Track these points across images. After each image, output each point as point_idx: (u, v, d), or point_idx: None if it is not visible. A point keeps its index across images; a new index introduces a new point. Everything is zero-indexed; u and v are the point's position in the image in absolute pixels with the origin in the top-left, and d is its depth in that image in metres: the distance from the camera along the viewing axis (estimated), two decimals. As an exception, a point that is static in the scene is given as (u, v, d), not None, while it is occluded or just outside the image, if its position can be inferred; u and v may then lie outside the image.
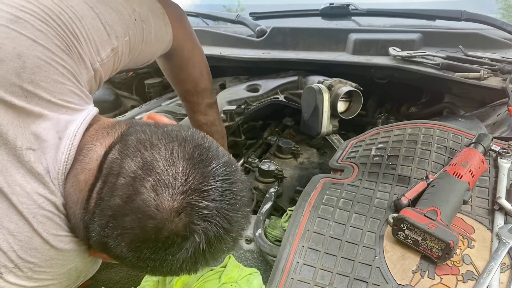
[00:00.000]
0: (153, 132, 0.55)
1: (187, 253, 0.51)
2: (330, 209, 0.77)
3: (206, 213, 0.50)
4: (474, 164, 0.78)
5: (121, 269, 0.78)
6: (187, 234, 0.49)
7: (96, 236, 0.52)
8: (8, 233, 0.51)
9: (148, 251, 0.50)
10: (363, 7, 1.48)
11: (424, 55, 1.22)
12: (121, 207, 0.49)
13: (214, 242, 0.51)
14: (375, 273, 0.66)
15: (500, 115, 1.05)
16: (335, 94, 1.19)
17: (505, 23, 1.25)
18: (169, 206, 0.48)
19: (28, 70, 0.54)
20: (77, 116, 0.58)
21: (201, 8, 1.96)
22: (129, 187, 0.49)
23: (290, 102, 1.39)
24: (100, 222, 0.51)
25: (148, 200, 0.48)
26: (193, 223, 0.49)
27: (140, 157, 0.51)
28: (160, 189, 0.49)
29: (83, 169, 0.54)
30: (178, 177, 0.50)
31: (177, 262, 0.51)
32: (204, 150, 0.53)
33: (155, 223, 0.48)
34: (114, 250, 0.51)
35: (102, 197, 0.51)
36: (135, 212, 0.48)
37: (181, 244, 0.50)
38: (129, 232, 0.49)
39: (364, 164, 0.90)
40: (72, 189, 0.55)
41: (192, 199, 0.49)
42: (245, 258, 0.89)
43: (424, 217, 0.67)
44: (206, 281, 0.64)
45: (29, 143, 0.53)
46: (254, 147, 1.37)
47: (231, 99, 1.34)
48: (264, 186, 1.15)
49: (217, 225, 0.51)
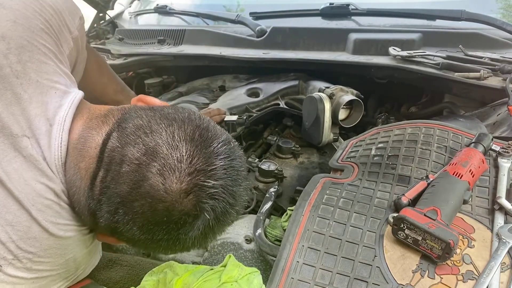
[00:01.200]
0: (150, 117, 0.55)
1: (199, 230, 0.53)
2: (330, 209, 0.77)
3: (213, 191, 0.52)
4: (474, 163, 0.78)
5: (121, 269, 0.78)
6: (198, 213, 0.52)
7: (105, 222, 0.54)
8: (7, 223, 0.52)
9: (161, 233, 0.52)
10: (363, 7, 1.48)
11: (424, 55, 1.22)
12: (129, 193, 0.51)
13: (221, 217, 0.55)
14: (375, 272, 0.66)
15: (500, 115, 1.05)
16: (336, 102, 1.19)
17: (505, 23, 1.25)
18: (177, 188, 0.50)
19: (13, 51, 0.55)
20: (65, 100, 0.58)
21: (201, 8, 1.96)
22: (135, 173, 0.51)
23: (291, 109, 1.39)
24: (109, 209, 0.52)
25: (156, 185, 0.50)
26: (202, 202, 0.52)
27: (142, 143, 0.52)
28: (167, 173, 0.50)
29: (83, 158, 0.55)
30: (183, 159, 0.51)
31: (189, 240, 0.54)
32: (204, 131, 0.55)
33: (166, 205, 0.50)
34: (126, 234, 0.53)
35: (107, 185, 0.52)
36: (144, 197, 0.50)
37: (192, 223, 0.52)
38: (140, 217, 0.51)
39: (364, 164, 0.90)
40: (74, 177, 0.55)
41: (199, 179, 0.51)
42: (245, 258, 0.89)
43: (424, 216, 0.67)
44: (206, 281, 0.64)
45: (23, 130, 0.53)
46: (254, 147, 1.37)
47: (231, 106, 1.34)
48: (264, 186, 1.15)
49: (224, 201, 0.53)
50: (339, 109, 1.18)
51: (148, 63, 1.71)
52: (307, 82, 1.45)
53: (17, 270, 0.53)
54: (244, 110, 1.35)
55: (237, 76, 1.68)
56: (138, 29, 1.89)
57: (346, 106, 1.22)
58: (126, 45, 1.83)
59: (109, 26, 2.02)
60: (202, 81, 1.72)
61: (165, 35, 1.75)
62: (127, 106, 0.62)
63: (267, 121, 1.47)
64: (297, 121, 1.41)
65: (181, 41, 1.72)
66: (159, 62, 1.70)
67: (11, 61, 0.54)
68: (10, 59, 0.55)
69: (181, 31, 1.73)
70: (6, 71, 0.54)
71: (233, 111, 1.32)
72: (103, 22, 2.01)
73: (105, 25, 2.01)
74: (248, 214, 1.03)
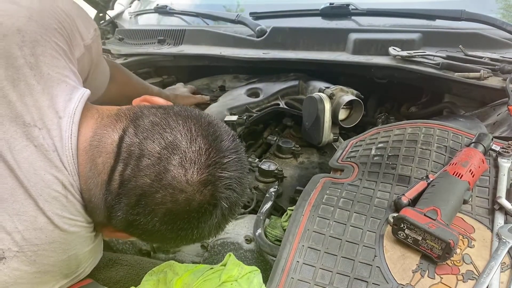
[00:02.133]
0: (165, 114, 0.59)
1: (216, 218, 0.58)
2: (330, 209, 0.77)
3: (229, 182, 0.57)
4: (474, 163, 0.78)
5: (121, 268, 0.78)
6: (217, 202, 0.56)
7: (123, 215, 0.56)
8: (14, 213, 0.52)
9: (181, 222, 0.56)
10: (363, 7, 1.48)
11: (424, 55, 1.22)
12: (151, 185, 0.54)
13: (233, 207, 0.60)
14: (375, 272, 0.66)
15: (500, 114, 1.05)
16: (336, 103, 1.19)
17: (505, 23, 1.25)
18: (197, 179, 0.54)
19: (27, 44, 0.57)
20: (74, 95, 0.60)
21: (201, 8, 1.96)
22: (157, 166, 0.54)
23: (291, 109, 1.39)
24: (129, 201, 0.55)
25: (178, 176, 0.54)
26: (219, 191, 0.56)
27: (162, 138, 0.55)
28: (188, 165, 0.54)
29: (99, 153, 0.57)
30: (202, 153, 0.56)
31: (208, 228, 0.58)
32: (216, 127, 0.60)
33: (187, 196, 0.54)
34: (145, 226, 0.56)
35: (127, 178, 0.54)
36: (166, 188, 0.54)
37: (212, 211, 0.57)
38: (162, 207, 0.54)
39: (364, 164, 0.90)
40: (90, 173, 0.57)
41: (216, 171, 0.56)
42: (245, 258, 0.89)
43: (424, 216, 0.67)
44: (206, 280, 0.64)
45: (35, 121, 0.55)
46: (254, 147, 1.37)
47: (231, 106, 1.34)
48: (264, 186, 1.15)
49: (236, 191, 0.59)
50: (339, 109, 1.19)
51: (148, 63, 1.71)
52: (307, 82, 1.45)
53: (21, 263, 0.54)
54: (244, 110, 1.35)
55: (237, 76, 1.68)
56: (138, 29, 1.89)
57: (346, 106, 1.22)
58: (126, 45, 1.83)
59: (109, 26, 2.02)
60: (202, 81, 1.72)
61: (165, 35, 1.75)
62: (136, 106, 0.64)
63: (267, 121, 1.47)
64: (297, 121, 1.41)
65: (181, 41, 1.72)
66: (159, 62, 1.70)
67: (25, 53, 0.57)
68: (24, 51, 0.57)
69: (181, 31, 1.73)
70: (20, 62, 0.56)
71: (233, 111, 1.32)
72: (103, 22, 2.01)
73: (105, 25, 2.01)
74: (248, 214, 1.03)
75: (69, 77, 0.61)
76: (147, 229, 0.56)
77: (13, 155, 0.53)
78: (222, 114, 1.28)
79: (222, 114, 1.28)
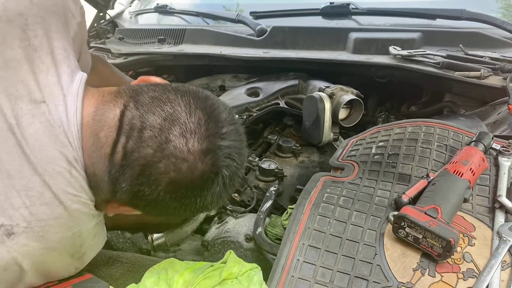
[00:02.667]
0: (163, 89, 0.61)
1: (218, 187, 0.59)
2: (330, 207, 0.77)
3: (228, 151, 0.59)
4: (475, 162, 0.78)
5: (121, 266, 0.78)
6: (218, 170, 0.58)
7: (127, 187, 0.57)
8: (22, 188, 0.54)
9: (185, 190, 0.58)
10: (364, 6, 1.48)
11: (424, 54, 1.22)
12: (154, 155, 0.55)
13: (233, 176, 0.61)
14: (376, 271, 0.66)
15: (501, 113, 1.05)
16: (336, 102, 1.20)
17: (506, 22, 1.25)
18: (198, 148, 0.56)
19: (30, 27, 0.60)
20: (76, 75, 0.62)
21: (201, 8, 1.96)
22: (158, 137, 0.56)
23: (291, 108, 1.39)
24: (132, 172, 0.57)
25: (180, 146, 0.56)
26: (220, 160, 0.58)
27: (162, 110, 0.57)
28: (188, 135, 0.56)
29: (102, 127, 0.58)
30: (201, 124, 0.57)
31: (210, 197, 0.60)
32: (214, 101, 0.62)
33: (189, 164, 0.56)
34: (149, 196, 0.57)
35: (130, 150, 0.56)
36: (168, 157, 0.55)
37: (214, 179, 0.58)
38: (165, 176, 0.56)
39: (364, 163, 0.90)
40: (93, 147, 0.58)
41: (216, 140, 0.58)
42: (245, 257, 0.89)
43: (424, 215, 0.67)
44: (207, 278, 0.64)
45: (43, 97, 0.57)
46: (254, 146, 1.37)
47: (231, 105, 1.34)
48: (264, 185, 1.15)
49: (235, 161, 0.61)
50: (339, 108, 1.19)
51: (148, 62, 1.71)
52: (307, 81, 1.45)
53: (30, 239, 0.55)
54: (244, 109, 1.35)
55: (237, 76, 1.68)
56: (138, 29, 1.89)
57: (346, 106, 1.22)
58: (126, 44, 1.83)
59: (109, 26, 2.02)
60: (202, 80, 1.72)
61: (165, 35, 1.75)
62: (135, 84, 0.67)
63: (267, 120, 1.47)
64: (297, 120, 1.41)
65: (181, 40, 1.72)
66: (159, 62, 1.70)
67: (29, 36, 0.59)
68: (28, 34, 0.59)
69: (181, 31, 1.73)
70: (25, 44, 0.59)
71: (233, 111, 1.32)
72: (103, 22, 2.01)
73: (105, 24, 2.01)
74: (248, 213, 1.03)
75: (70, 58, 0.63)
76: (152, 199, 0.58)
77: (21, 130, 0.55)
78: None
79: None
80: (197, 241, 1.03)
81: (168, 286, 0.65)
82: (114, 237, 1.05)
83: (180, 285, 0.64)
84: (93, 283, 0.65)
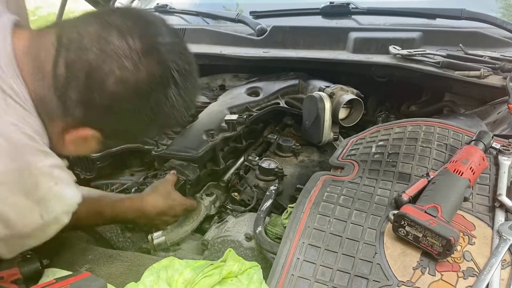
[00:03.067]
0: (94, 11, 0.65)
1: (170, 87, 0.60)
2: (330, 206, 0.77)
3: (169, 47, 0.61)
4: (475, 161, 0.78)
5: (121, 264, 0.78)
6: (165, 68, 0.59)
7: (76, 96, 0.58)
8: None
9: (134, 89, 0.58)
10: (364, 6, 1.48)
11: (424, 53, 1.22)
12: (96, 59, 0.57)
13: (186, 75, 0.62)
14: (376, 269, 0.66)
15: (501, 113, 1.05)
16: (336, 102, 1.20)
17: (506, 21, 1.25)
18: (140, 46, 0.58)
19: None
20: (4, 12, 0.64)
21: (201, 7, 1.96)
22: (98, 41, 0.57)
23: (291, 108, 1.39)
24: (78, 81, 0.57)
25: (120, 45, 0.57)
26: (164, 57, 0.59)
27: (96, 22, 0.59)
28: (128, 35, 0.58)
29: (40, 50, 0.59)
30: (140, 25, 0.59)
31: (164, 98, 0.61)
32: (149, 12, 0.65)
33: (133, 62, 0.57)
34: (100, 102, 0.58)
35: (72, 60, 0.57)
36: (111, 57, 0.57)
37: (162, 75, 0.60)
38: (111, 76, 0.57)
39: (364, 162, 0.90)
40: (35, 69, 0.59)
41: (156, 38, 0.60)
42: (245, 256, 0.89)
43: (424, 213, 0.67)
44: (206, 276, 0.64)
45: None
46: (254, 145, 1.37)
47: (232, 105, 1.34)
48: (264, 184, 1.15)
49: (181, 59, 0.61)
50: (339, 108, 1.19)
51: (148, 62, 1.71)
52: (307, 81, 1.45)
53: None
54: (244, 109, 1.35)
55: (237, 75, 1.68)
56: (138, 28, 1.89)
57: (346, 105, 1.22)
58: (126, 44, 1.83)
59: (109, 25, 2.01)
60: (202, 80, 1.71)
61: (165, 34, 1.75)
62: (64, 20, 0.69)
63: (267, 120, 1.47)
64: (297, 120, 1.41)
65: (181, 40, 1.72)
66: (159, 61, 1.70)
67: None
68: None
69: (181, 30, 1.73)
70: None
71: (233, 110, 1.32)
72: (103, 21, 2.01)
73: (105, 24, 2.01)
74: (248, 212, 1.03)
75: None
76: (104, 105, 0.59)
77: None
78: (222, 113, 1.28)
79: (222, 113, 1.28)
80: (197, 240, 1.03)
81: (168, 284, 0.65)
82: (114, 236, 1.05)
83: (179, 283, 0.64)
84: (91, 282, 0.65)
